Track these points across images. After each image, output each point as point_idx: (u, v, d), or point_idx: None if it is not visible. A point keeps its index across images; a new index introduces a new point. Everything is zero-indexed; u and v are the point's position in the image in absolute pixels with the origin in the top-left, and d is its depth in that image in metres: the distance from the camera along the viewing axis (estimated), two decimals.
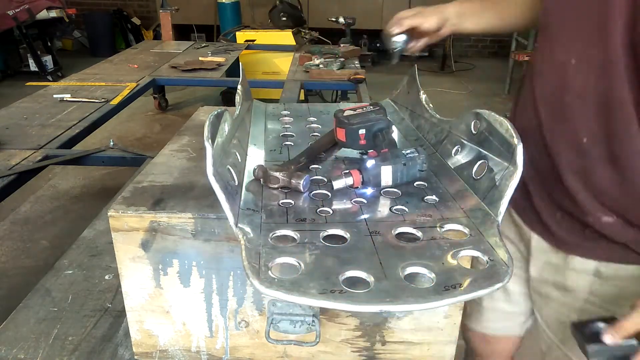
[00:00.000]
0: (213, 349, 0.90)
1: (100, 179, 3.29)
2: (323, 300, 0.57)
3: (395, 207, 0.77)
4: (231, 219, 0.66)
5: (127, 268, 0.83)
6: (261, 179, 0.83)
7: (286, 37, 4.53)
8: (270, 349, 0.89)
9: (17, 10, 5.14)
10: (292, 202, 0.78)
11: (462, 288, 0.59)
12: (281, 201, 0.78)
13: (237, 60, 3.70)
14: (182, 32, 6.33)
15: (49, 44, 5.87)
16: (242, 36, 4.61)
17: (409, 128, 1.09)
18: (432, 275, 0.61)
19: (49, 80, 5.02)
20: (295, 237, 0.69)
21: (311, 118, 1.19)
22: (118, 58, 3.64)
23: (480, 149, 0.81)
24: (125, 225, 0.79)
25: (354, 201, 0.79)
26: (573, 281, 0.94)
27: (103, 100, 2.52)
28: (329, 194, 0.81)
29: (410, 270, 0.62)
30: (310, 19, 5.94)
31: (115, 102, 2.52)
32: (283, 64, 4.21)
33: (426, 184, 0.85)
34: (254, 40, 4.51)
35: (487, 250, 0.66)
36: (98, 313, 1.07)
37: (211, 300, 0.85)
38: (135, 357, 0.92)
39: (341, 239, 0.69)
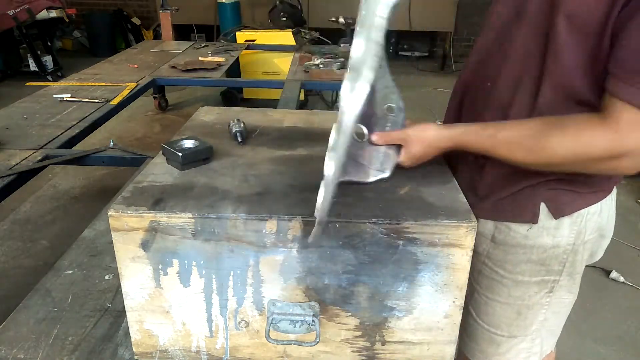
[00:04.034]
0: (213, 349, 0.90)
1: (100, 179, 3.29)
2: None
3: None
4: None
5: (127, 268, 0.83)
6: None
7: (286, 37, 4.52)
8: (270, 349, 0.89)
9: (17, 10, 5.12)
10: None
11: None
12: None
13: (237, 61, 3.69)
14: (182, 32, 6.31)
15: (49, 44, 5.86)
16: (242, 36, 4.60)
17: None
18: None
19: (49, 80, 5.01)
20: None
21: None
22: (118, 58, 3.64)
23: None
24: (125, 225, 0.79)
25: None
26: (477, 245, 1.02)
27: (103, 100, 2.52)
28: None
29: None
30: (310, 19, 5.93)
31: (115, 102, 2.52)
32: (283, 64, 4.20)
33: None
34: (254, 40, 4.50)
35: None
36: (98, 313, 1.07)
37: (211, 300, 0.85)
38: (135, 357, 0.92)
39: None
